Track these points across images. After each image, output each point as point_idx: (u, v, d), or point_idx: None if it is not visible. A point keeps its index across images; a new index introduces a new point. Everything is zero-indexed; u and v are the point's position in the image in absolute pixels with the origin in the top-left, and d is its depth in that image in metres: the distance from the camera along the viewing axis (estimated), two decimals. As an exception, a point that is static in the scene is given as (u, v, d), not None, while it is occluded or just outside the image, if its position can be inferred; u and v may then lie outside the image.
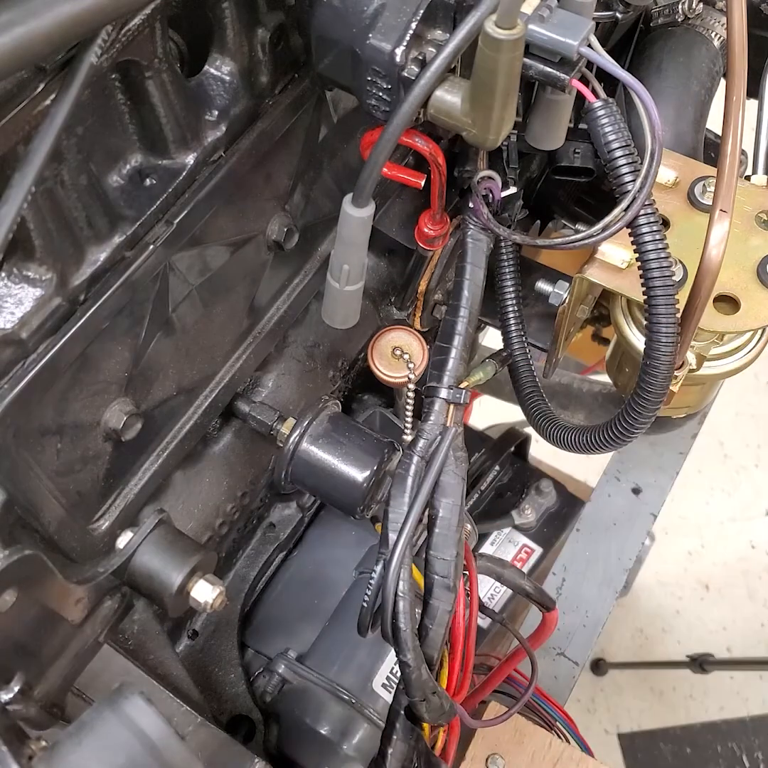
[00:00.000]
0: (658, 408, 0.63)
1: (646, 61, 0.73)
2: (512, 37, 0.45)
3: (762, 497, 1.87)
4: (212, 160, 0.53)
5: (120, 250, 0.49)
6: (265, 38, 0.53)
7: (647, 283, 0.56)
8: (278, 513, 0.77)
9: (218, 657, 0.71)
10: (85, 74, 0.40)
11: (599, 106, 0.53)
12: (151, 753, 0.44)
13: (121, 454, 0.56)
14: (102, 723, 0.45)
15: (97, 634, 0.56)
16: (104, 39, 0.41)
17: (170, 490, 0.64)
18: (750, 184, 0.70)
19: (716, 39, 0.73)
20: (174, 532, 0.55)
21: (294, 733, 0.71)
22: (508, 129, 0.51)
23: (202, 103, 0.52)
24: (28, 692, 0.51)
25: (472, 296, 0.67)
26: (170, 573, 0.53)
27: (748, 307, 0.64)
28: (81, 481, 0.54)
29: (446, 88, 0.50)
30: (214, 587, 0.54)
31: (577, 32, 0.50)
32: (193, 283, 0.56)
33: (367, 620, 0.58)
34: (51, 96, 0.41)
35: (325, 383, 0.75)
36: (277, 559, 0.77)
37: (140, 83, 0.47)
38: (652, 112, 0.53)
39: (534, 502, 1.02)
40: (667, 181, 0.68)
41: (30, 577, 0.47)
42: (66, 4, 0.36)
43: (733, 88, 0.57)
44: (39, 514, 0.50)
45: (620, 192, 0.54)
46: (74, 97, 0.39)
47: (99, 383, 0.52)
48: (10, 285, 0.46)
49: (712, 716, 1.64)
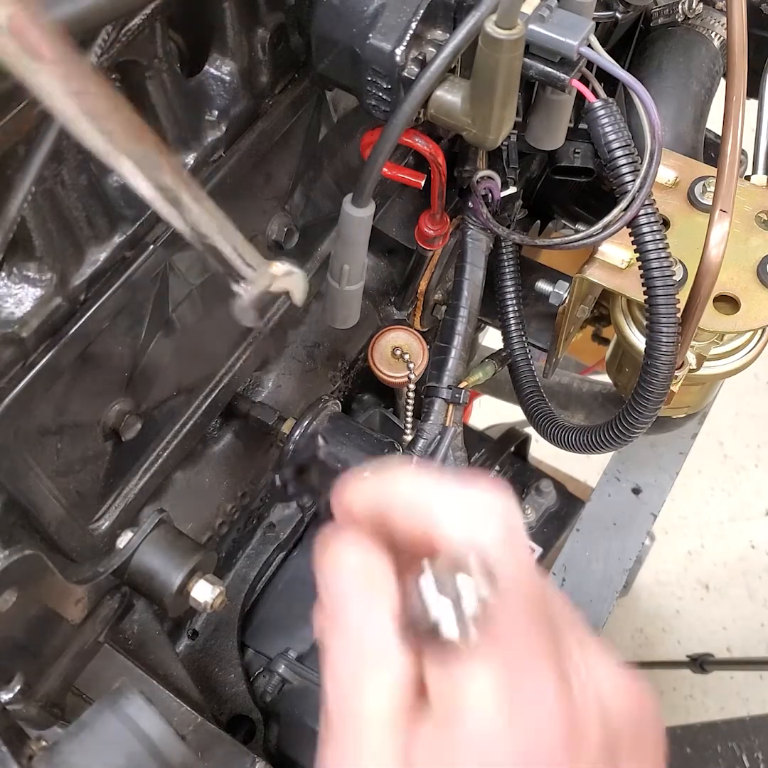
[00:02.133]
0: (658, 408, 0.63)
1: (646, 61, 0.73)
2: (512, 37, 0.45)
3: (762, 497, 1.87)
4: (212, 160, 0.53)
5: (120, 250, 0.49)
6: (265, 38, 0.53)
7: (647, 283, 0.56)
8: (278, 513, 0.77)
9: (218, 657, 0.71)
10: (85, 74, 0.40)
11: (599, 106, 0.53)
12: (151, 753, 0.44)
13: (121, 454, 0.56)
14: (102, 723, 0.45)
15: (97, 634, 0.56)
16: (104, 39, 0.41)
17: (170, 490, 0.64)
18: (750, 184, 0.70)
19: (716, 39, 0.73)
20: (174, 532, 0.55)
21: (294, 733, 0.70)
22: (508, 129, 0.51)
23: (202, 103, 0.52)
24: (29, 692, 0.51)
25: (471, 296, 0.67)
26: (170, 573, 0.53)
27: (748, 307, 0.64)
28: (81, 481, 0.54)
29: (446, 88, 0.50)
30: (214, 587, 0.54)
31: (577, 32, 0.50)
32: (193, 283, 0.56)
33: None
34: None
35: (325, 383, 0.75)
36: (277, 558, 0.77)
37: (140, 83, 0.47)
38: (651, 112, 0.53)
39: (534, 502, 1.01)
40: (667, 181, 0.68)
41: (30, 577, 0.47)
42: (66, 3, 0.36)
43: (733, 88, 0.57)
44: (39, 514, 0.50)
45: (620, 192, 0.54)
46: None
47: (99, 383, 0.52)
48: (10, 285, 0.46)
49: (712, 716, 1.63)
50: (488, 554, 0.31)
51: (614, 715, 0.33)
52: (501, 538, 0.33)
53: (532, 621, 0.32)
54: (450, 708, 0.31)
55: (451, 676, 0.31)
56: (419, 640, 0.31)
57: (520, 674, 0.31)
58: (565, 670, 0.32)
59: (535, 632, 0.32)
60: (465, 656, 0.31)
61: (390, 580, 0.33)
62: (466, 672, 0.31)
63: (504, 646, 0.31)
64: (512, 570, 0.32)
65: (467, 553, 0.31)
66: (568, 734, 0.31)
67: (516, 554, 0.33)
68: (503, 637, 0.31)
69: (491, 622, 0.30)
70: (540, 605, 0.33)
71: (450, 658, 0.31)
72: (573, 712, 0.31)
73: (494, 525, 0.33)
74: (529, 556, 0.34)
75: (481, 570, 0.30)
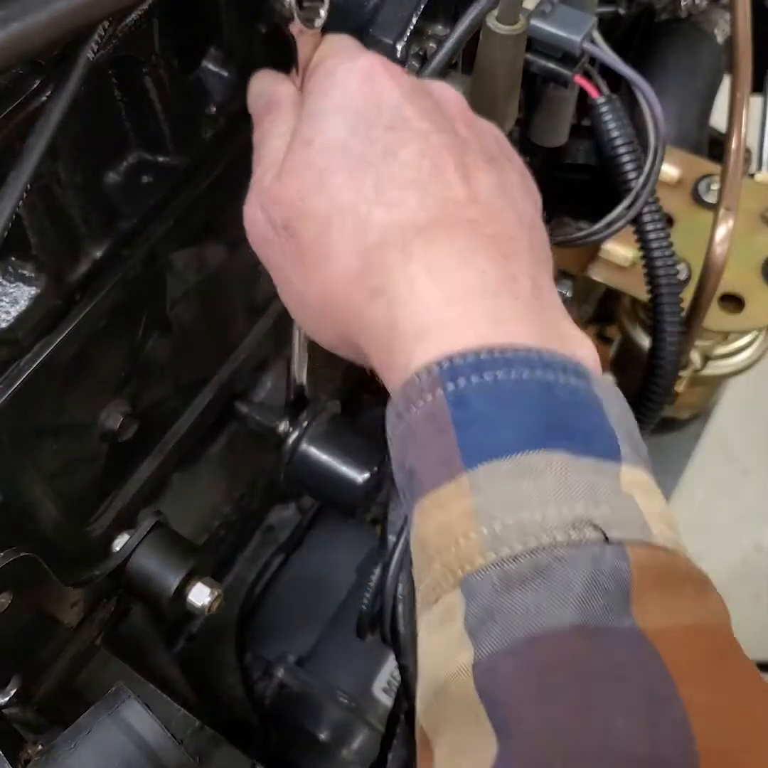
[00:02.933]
0: (662, 408, 0.62)
1: (650, 58, 0.73)
2: (514, 33, 0.44)
3: (767, 499, 1.87)
4: (210, 157, 0.52)
5: (116, 248, 0.49)
6: (263, 33, 0.52)
7: (652, 282, 0.56)
8: (277, 515, 0.76)
9: (216, 661, 0.70)
10: (81, 70, 0.39)
11: (602, 102, 0.53)
12: (148, 757, 0.44)
13: (118, 455, 0.56)
14: (99, 727, 0.44)
15: (93, 637, 0.55)
16: (101, 34, 0.40)
17: (168, 492, 0.63)
18: (754, 181, 0.69)
19: (720, 35, 0.72)
20: (171, 535, 0.55)
21: (293, 738, 0.70)
22: (510, 125, 0.51)
23: (199, 98, 0.52)
24: (25, 696, 0.51)
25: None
26: (167, 576, 0.53)
27: (753, 306, 0.64)
28: (77, 483, 0.53)
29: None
30: (211, 590, 0.54)
31: (580, 28, 0.49)
32: (190, 282, 0.56)
33: (366, 623, 0.57)
34: (47, 92, 0.40)
35: (325, 383, 0.74)
36: (276, 561, 0.76)
37: (137, 79, 0.46)
38: (655, 109, 0.52)
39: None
40: (670, 178, 0.68)
41: (25, 579, 0.47)
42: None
43: (738, 85, 0.57)
44: (35, 516, 0.50)
45: (623, 189, 0.54)
46: (70, 94, 0.39)
47: (95, 383, 0.52)
48: (6, 284, 0.45)
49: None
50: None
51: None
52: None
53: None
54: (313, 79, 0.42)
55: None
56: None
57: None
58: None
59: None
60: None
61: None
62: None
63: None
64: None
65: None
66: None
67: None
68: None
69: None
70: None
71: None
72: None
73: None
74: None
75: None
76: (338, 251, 0.37)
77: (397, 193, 0.36)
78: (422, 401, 0.33)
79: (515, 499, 0.30)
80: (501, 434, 0.31)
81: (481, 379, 0.32)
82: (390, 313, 0.35)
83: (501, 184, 0.38)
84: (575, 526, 0.29)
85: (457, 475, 0.31)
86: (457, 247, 0.35)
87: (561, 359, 0.33)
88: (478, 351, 0.32)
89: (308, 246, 0.38)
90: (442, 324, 0.34)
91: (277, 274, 0.41)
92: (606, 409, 0.33)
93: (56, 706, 0.53)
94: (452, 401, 0.32)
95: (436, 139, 0.37)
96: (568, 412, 0.32)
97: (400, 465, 0.34)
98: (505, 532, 0.30)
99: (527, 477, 0.30)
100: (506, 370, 0.32)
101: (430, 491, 0.31)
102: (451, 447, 0.31)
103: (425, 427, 0.32)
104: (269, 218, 0.40)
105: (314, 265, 0.38)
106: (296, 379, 0.59)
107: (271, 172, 0.41)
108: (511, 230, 0.36)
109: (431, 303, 0.34)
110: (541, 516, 0.29)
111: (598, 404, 0.33)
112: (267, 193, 0.40)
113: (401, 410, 0.34)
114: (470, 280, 0.34)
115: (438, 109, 0.39)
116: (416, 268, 0.35)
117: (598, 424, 0.32)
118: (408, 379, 0.33)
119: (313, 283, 0.38)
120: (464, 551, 0.30)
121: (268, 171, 0.41)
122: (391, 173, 0.36)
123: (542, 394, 0.32)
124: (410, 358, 0.34)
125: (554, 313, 0.36)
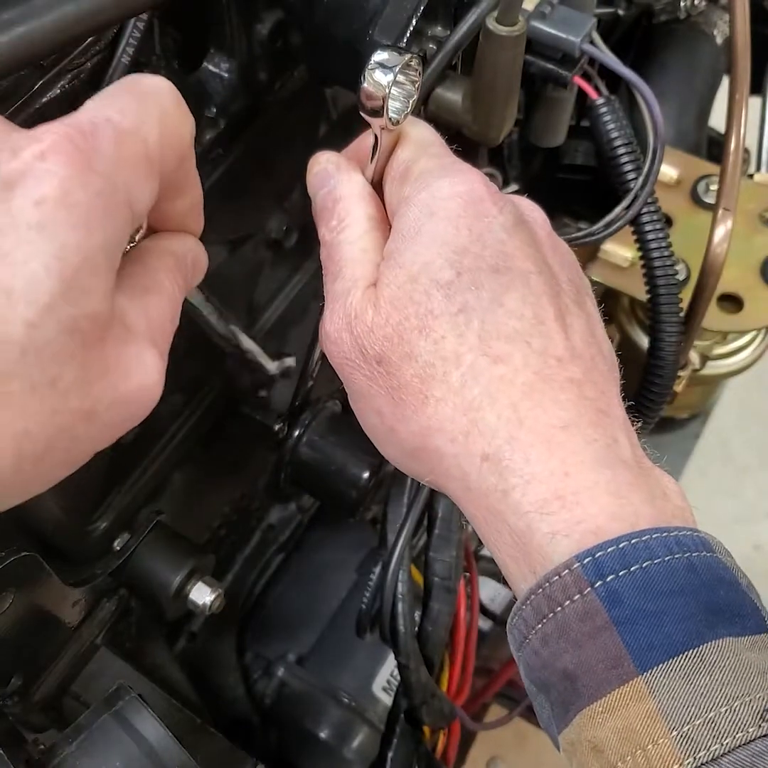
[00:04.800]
0: (661, 408, 0.62)
1: (649, 59, 0.73)
2: (513, 34, 0.45)
3: (766, 498, 1.87)
4: (211, 158, 0.53)
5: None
6: (264, 35, 0.52)
7: (650, 282, 0.56)
8: (277, 514, 0.76)
9: (217, 660, 0.70)
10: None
11: (601, 103, 0.53)
12: (148, 756, 0.44)
13: (119, 454, 0.56)
14: (100, 726, 0.44)
15: (94, 636, 0.55)
16: (101, 35, 0.40)
17: (168, 491, 0.63)
18: (753, 182, 0.69)
19: (719, 36, 0.73)
20: (172, 534, 0.55)
21: (293, 737, 0.70)
22: (510, 126, 0.51)
23: (200, 100, 0.52)
24: (26, 695, 0.51)
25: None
26: (168, 575, 0.53)
27: (751, 307, 0.64)
28: (78, 482, 0.53)
29: (447, 85, 0.49)
30: (212, 589, 0.54)
31: (580, 29, 0.49)
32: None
33: (366, 622, 0.57)
34: (48, 94, 0.40)
35: (325, 383, 0.74)
36: (276, 560, 0.76)
37: (137, 80, 0.46)
38: (654, 110, 0.53)
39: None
40: (669, 179, 0.68)
41: (26, 578, 0.47)
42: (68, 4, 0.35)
43: (737, 86, 0.57)
44: (35, 515, 0.50)
45: (622, 189, 0.54)
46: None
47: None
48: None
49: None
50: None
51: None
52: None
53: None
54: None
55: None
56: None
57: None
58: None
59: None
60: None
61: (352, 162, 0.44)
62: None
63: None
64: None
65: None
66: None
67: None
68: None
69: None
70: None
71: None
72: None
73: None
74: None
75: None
76: (439, 398, 0.36)
77: (502, 345, 0.35)
78: (569, 600, 0.32)
79: (698, 698, 0.29)
80: (666, 631, 0.30)
81: (628, 571, 0.31)
82: (502, 482, 0.34)
83: (589, 327, 0.38)
84: (764, 716, 0.29)
85: (631, 680, 0.30)
86: (564, 415, 0.34)
87: (689, 533, 0.33)
88: (617, 541, 0.32)
89: (406, 387, 0.37)
90: (563, 501, 0.33)
91: (363, 401, 0.39)
92: (740, 579, 0.33)
93: (57, 705, 0.54)
94: (604, 598, 0.31)
95: (535, 283, 0.37)
96: (716, 592, 0.31)
97: (548, 666, 0.32)
98: (697, 734, 0.29)
99: (703, 672, 0.30)
100: (648, 556, 0.31)
101: (600, 696, 0.30)
102: (617, 648, 0.30)
103: (578, 627, 0.31)
104: (359, 344, 0.38)
105: (414, 407, 0.36)
106: (306, 388, 0.59)
107: (360, 291, 0.38)
108: (603, 384, 0.36)
109: (546, 476, 0.33)
110: (729, 712, 0.29)
111: (733, 576, 0.32)
112: (359, 319, 0.37)
113: (545, 610, 0.32)
114: (583, 451, 0.34)
115: (532, 239, 0.38)
116: (529, 438, 0.34)
117: (742, 599, 0.32)
118: (546, 577, 0.32)
119: (409, 425, 0.37)
120: (655, 759, 0.29)
121: (355, 288, 0.38)
122: (496, 321, 0.36)
123: (689, 579, 0.31)
124: (538, 542, 0.33)
125: (648, 463, 0.36)
